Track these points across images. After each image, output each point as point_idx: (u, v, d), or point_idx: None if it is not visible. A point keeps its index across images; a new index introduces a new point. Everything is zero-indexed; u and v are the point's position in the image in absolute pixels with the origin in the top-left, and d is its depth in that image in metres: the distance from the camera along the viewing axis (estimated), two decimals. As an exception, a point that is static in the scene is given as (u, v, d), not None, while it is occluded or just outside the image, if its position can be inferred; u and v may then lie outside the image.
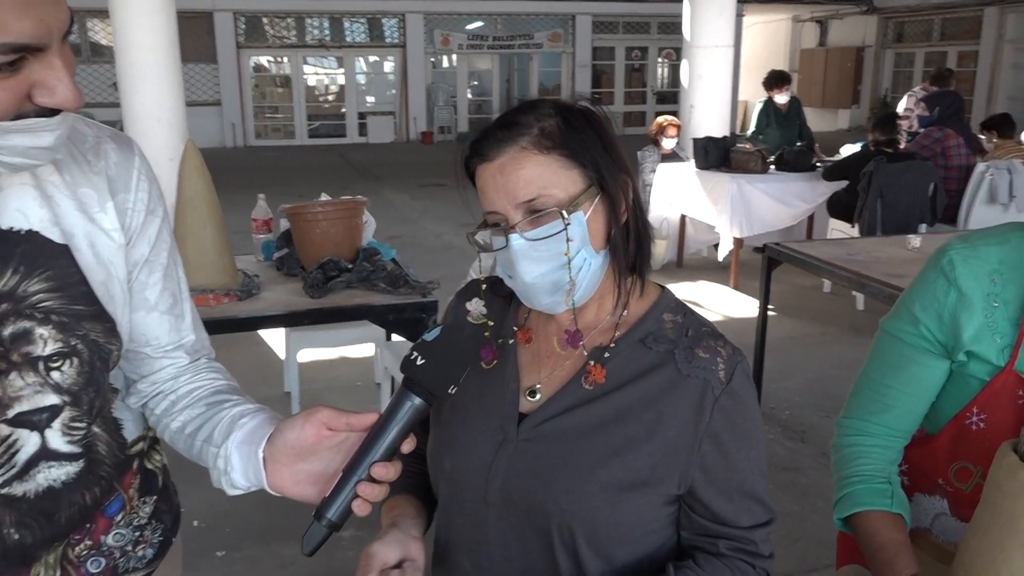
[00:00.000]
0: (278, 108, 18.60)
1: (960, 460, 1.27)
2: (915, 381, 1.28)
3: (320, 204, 3.10)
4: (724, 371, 1.04)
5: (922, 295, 1.25)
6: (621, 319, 1.09)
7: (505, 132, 1.02)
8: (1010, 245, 1.22)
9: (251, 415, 1.01)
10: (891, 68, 19.90)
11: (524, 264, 1.01)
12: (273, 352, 4.88)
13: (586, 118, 1.05)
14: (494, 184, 1.02)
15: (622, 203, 1.05)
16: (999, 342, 1.20)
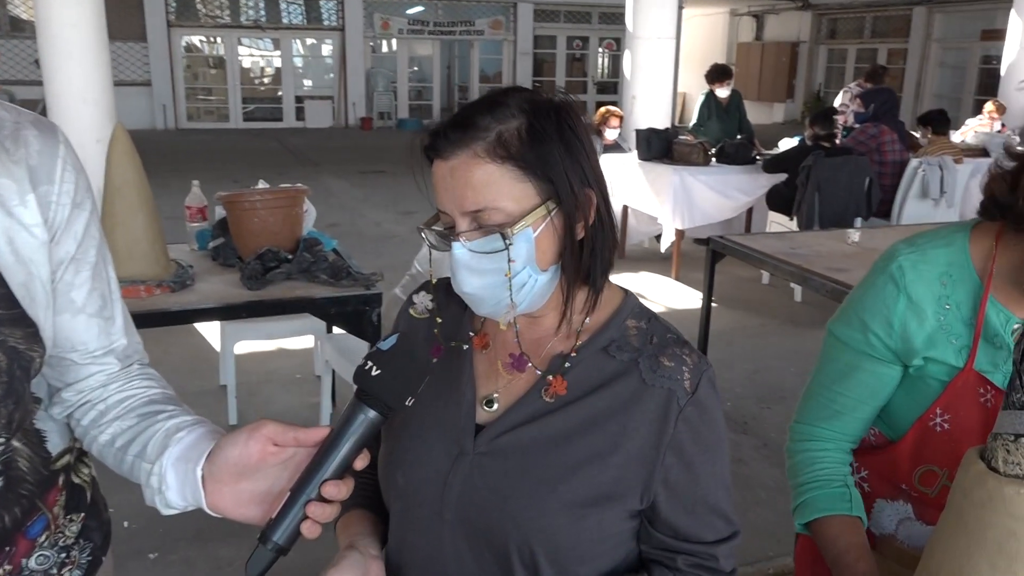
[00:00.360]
0: (211, 90, 18.06)
1: (925, 464, 1.27)
2: (865, 388, 1.28)
3: (258, 192, 2.98)
4: (689, 380, 1.00)
5: (871, 302, 1.25)
6: (583, 326, 1.04)
7: (460, 133, 0.95)
8: (955, 247, 1.23)
9: (188, 428, 0.93)
10: (824, 63, 20.37)
11: (464, 274, 0.96)
12: (208, 344, 4.72)
13: (557, 120, 0.97)
14: (444, 185, 0.96)
15: (581, 218, 0.98)
16: (955, 343, 1.21)
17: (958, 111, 13.93)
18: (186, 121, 17.26)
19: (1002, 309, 1.19)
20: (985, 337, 1.20)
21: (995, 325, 1.19)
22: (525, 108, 0.96)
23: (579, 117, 1.00)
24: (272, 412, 3.96)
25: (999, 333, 1.19)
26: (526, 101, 0.97)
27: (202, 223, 3.35)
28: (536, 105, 0.97)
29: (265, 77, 18.84)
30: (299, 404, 4.05)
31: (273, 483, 0.88)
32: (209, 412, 3.93)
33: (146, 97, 16.56)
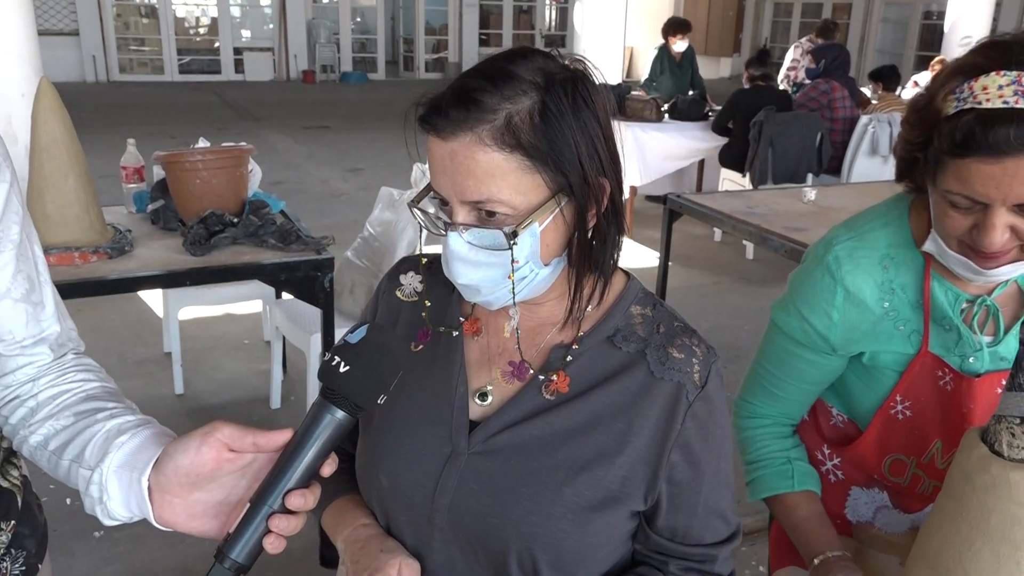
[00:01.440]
0: (144, 40, 17.26)
1: (891, 453, 1.24)
2: (800, 375, 1.26)
3: (200, 152, 2.81)
4: (699, 373, 0.93)
5: (810, 293, 1.21)
6: (585, 315, 0.96)
7: (463, 113, 0.83)
8: (894, 226, 1.18)
9: (132, 431, 0.82)
10: (771, 18, 20.40)
11: (459, 266, 0.87)
12: (150, 309, 4.53)
13: (573, 96, 0.85)
14: (442, 168, 0.85)
15: (592, 208, 0.88)
16: (903, 329, 1.17)
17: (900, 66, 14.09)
18: (118, 73, 16.50)
19: (950, 287, 1.15)
20: (934, 319, 1.16)
21: (943, 306, 1.15)
22: (538, 82, 0.84)
23: (597, 89, 0.88)
24: (220, 380, 3.83)
25: (948, 315, 1.15)
26: (539, 72, 0.85)
27: (139, 184, 3.17)
28: (550, 77, 0.85)
29: (201, 27, 18.10)
30: (248, 371, 3.92)
31: (230, 492, 0.79)
32: (154, 381, 3.79)
33: (74, 48, 15.76)
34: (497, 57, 0.87)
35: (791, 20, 19.59)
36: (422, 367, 1.00)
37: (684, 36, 7.08)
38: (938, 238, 1.10)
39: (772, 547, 1.45)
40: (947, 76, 1.03)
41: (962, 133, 0.97)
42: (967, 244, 1.06)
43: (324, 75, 17.39)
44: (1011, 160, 0.95)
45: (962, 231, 1.05)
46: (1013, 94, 0.95)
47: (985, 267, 1.06)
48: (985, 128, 0.95)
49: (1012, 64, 0.97)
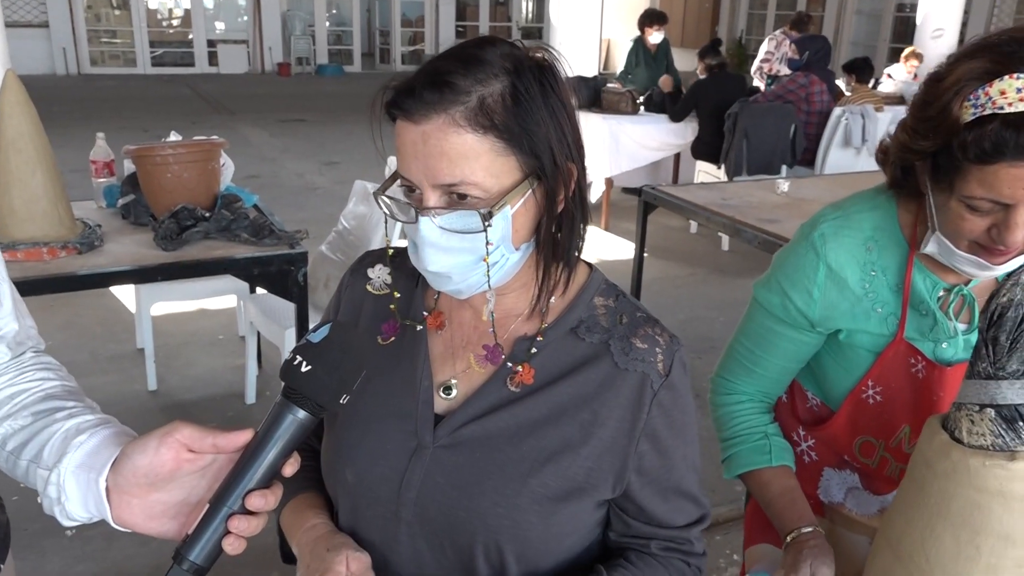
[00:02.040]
0: (116, 32, 17.03)
1: (861, 435, 1.27)
2: (781, 352, 1.28)
3: (171, 145, 2.78)
4: (663, 363, 0.94)
5: (792, 269, 1.23)
6: (548, 306, 0.96)
7: (436, 95, 0.82)
8: (882, 210, 1.21)
9: (91, 431, 0.81)
10: (746, 10, 20.47)
11: (430, 252, 0.86)
12: (123, 304, 4.48)
13: (540, 82, 0.86)
14: (413, 152, 0.84)
15: (561, 191, 0.89)
16: (880, 311, 1.19)
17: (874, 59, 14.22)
18: (89, 66, 16.28)
19: (929, 275, 1.18)
20: (912, 304, 1.18)
21: (921, 292, 1.18)
22: (508, 67, 0.85)
23: (561, 77, 0.89)
24: (194, 376, 3.80)
25: (925, 300, 1.17)
26: (507, 58, 0.86)
27: (109, 179, 3.13)
28: (518, 63, 0.86)
29: (174, 19, 17.87)
30: (223, 366, 3.89)
31: (189, 493, 0.78)
32: (126, 377, 3.76)
33: (43, 40, 15.51)
34: (465, 44, 0.88)
35: (766, 12, 19.68)
36: (388, 362, 1.00)
37: (660, 27, 7.05)
38: (943, 239, 1.11)
39: (747, 525, 1.47)
40: (955, 83, 1.02)
41: (991, 141, 0.97)
42: (979, 243, 1.07)
43: (299, 68, 17.25)
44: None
45: (979, 232, 1.06)
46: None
47: (996, 263, 1.08)
48: (1018, 132, 0.95)
49: (1022, 66, 0.97)
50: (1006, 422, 0.88)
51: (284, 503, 1.05)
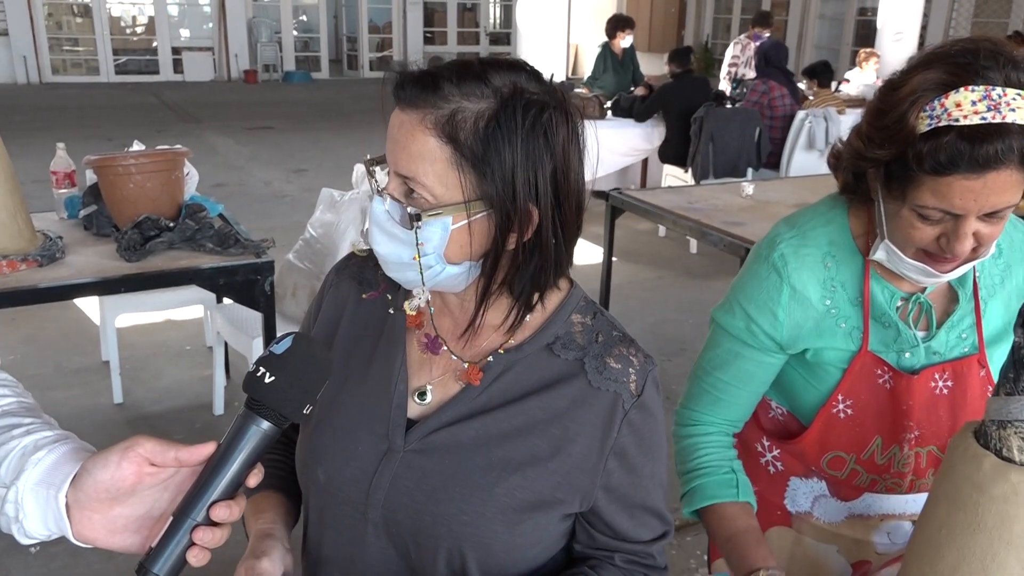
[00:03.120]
0: (78, 40, 16.79)
1: (831, 450, 1.26)
2: (745, 375, 1.26)
3: (133, 156, 2.75)
4: (636, 383, 0.95)
5: (755, 292, 1.22)
6: (525, 322, 0.96)
7: (418, 91, 0.86)
8: (835, 224, 1.21)
9: (49, 447, 0.80)
10: (712, 15, 20.69)
11: (375, 231, 0.91)
12: (87, 317, 4.41)
13: (533, 123, 0.85)
14: (391, 135, 0.90)
15: (515, 231, 0.88)
16: (844, 326, 1.20)
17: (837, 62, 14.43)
18: (51, 75, 16.02)
19: (886, 285, 1.19)
20: (873, 316, 1.19)
21: (881, 303, 1.19)
22: (503, 93, 0.85)
23: (568, 122, 0.89)
24: (161, 388, 3.75)
25: (886, 311, 1.19)
26: (509, 85, 0.86)
27: (70, 189, 3.09)
28: (517, 94, 0.86)
29: (138, 27, 17.67)
30: (190, 377, 3.85)
31: (152, 507, 0.78)
32: (92, 391, 3.70)
33: (3, 48, 15.26)
34: (484, 59, 0.89)
35: (732, 16, 19.91)
36: (364, 362, 1.01)
37: (628, 32, 7.08)
38: (891, 247, 1.12)
39: None
40: (911, 93, 1.03)
41: (947, 153, 0.99)
42: (926, 251, 1.09)
43: (266, 75, 17.12)
44: (992, 174, 0.99)
45: (928, 241, 1.07)
46: (987, 109, 0.98)
47: (943, 271, 1.10)
48: (972, 146, 0.97)
49: (978, 78, 0.99)
50: None
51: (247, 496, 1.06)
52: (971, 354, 1.21)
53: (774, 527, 1.38)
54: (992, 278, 1.23)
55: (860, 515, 1.31)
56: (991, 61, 1.00)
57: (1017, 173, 1.00)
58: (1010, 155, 0.98)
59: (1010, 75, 1.00)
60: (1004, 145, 0.97)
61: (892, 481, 1.26)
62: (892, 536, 1.31)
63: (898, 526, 1.30)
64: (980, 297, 1.21)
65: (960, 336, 1.21)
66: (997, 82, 0.99)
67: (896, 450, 1.22)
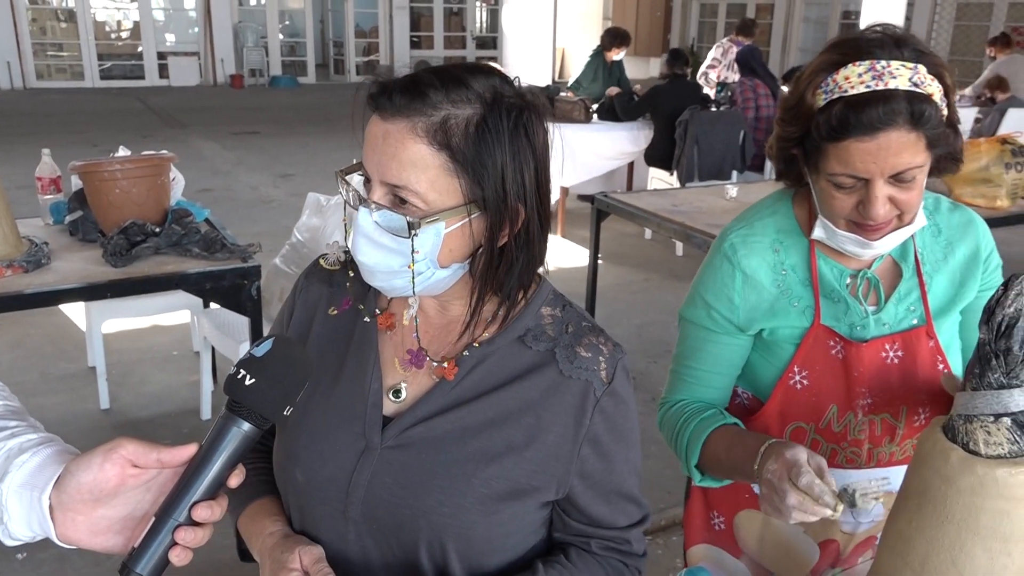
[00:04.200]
0: (62, 46, 16.71)
1: (792, 421, 1.32)
2: (715, 359, 1.34)
3: (118, 161, 2.75)
4: (606, 370, 0.98)
5: (712, 282, 1.32)
6: (494, 316, 0.99)
7: (406, 100, 0.87)
8: (781, 214, 1.31)
9: (33, 450, 0.81)
10: (697, 18, 20.82)
11: (361, 241, 0.91)
12: (73, 323, 4.40)
13: (515, 122, 0.89)
14: (373, 145, 0.89)
15: (505, 228, 0.92)
16: (797, 305, 1.28)
17: (821, 65, 14.51)
18: (35, 80, 15.94)
19: (834, 264, 1.28)
20: (823, 293, 1.28)
21: (830, 280, 1.28)
22: (486, 98, 0.89)
23: (542, 123, 0.92)
24: (148, 393, 3.75)
25: (835, 288, 1.28)
26: (489, 89, 0.89)
27: (56, 195, 3.08)
28: (498, 97, 0.90)
29: (123, 31, 17.58)
30: (177, 383, 3.85)
31: (134, 507, 0.79)
32: (78, 397, 3.69)
33: (-13, 54, 15.19)
34: (458, 65, 0.92)
35: (717, 20, 20.04)
36: (336, 365, 1.02)
37: (623, 48, 7.15)
38: (826, 222, 1.22)
39: (687, 526, 1.51)
40: (810, 75, 1.18)
41: (837, 118, 1.11)
42: (854, 222, 1.19)
43: (253, 79, 17.09)
44: (883, 135, 1.10)
45: (849, 210, 1.18)
46: (872, 79, 1.11)
47: (872, 239, 1.19)
48: (857, 111, 1.09)
49: (863, 55, 1.13)
50: (1021, 428, 0.92)
51: (239, 510, 1.07)
52: (919, 326, 1.29)
53: (743, 510, 1.42)
54: (935, 255, 1.32)
55: None
56: (876, 42, 1.14)
57: (909, 134, 1.10)
58: (896, 117, 1.09)
59: (893, 51, 1.13)
60: (888, 108, 1.09)
61: (851, 451, 1.30)
62: (856, 515, 1.35)
63: None
64: (924, 272, 1.30)
65: (908, 309, 1.29)
66: (883, 57, 1.12)
67: (851, 417, 1.28)
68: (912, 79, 1.10)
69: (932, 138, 1.12)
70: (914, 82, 1.10)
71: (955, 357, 1.33)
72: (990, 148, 3.83)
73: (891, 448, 1.30)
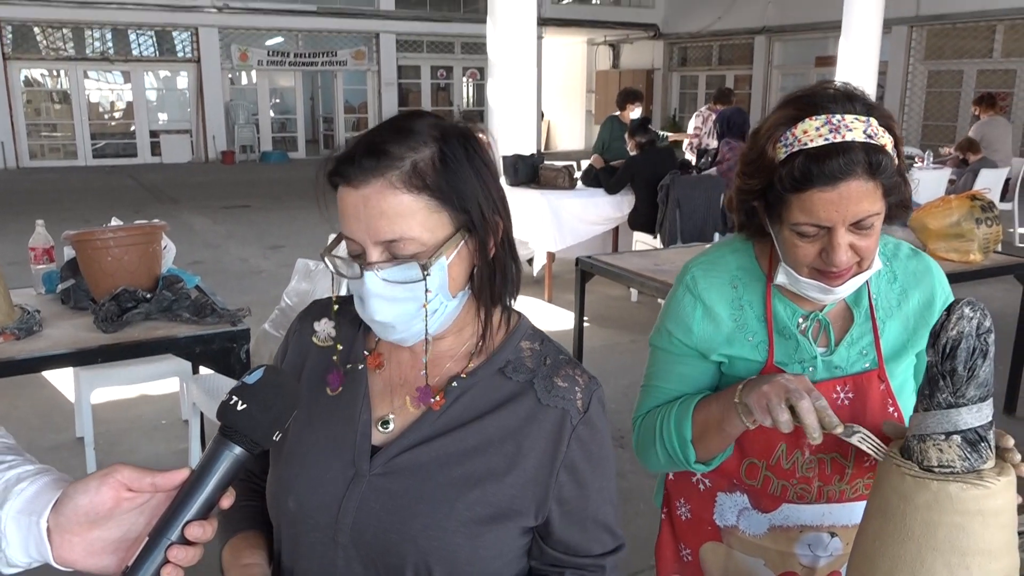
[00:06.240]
0: (56, 126, 17.02)
1: (747, 457, 1.36)
2: (680, 379, 1.39)
3: (111, 230, 2.82)
4: (582, 400, 1.03)
5: (674, 312, 1.38)
6: (477, 348, 1.05)
7: (373, 161, 0.94)
8: (741, 252, 1.38)
9: (31, 479, 0.86)
10: (678, 89, 21.41)
11: (376, 303, 0.96)
12: (61, 394, 4.41)
13: (465, 148, 0.98)
14: (355, 214, 0.95)
15: (491, 242, 1.00)
16: (752, 340, 1.34)
17: (800, 132, 14.88)
18: (28, 160, 16.19)
19: (788, 303, 1.34)
20: (777, 330, 1.33)
21: (783, 318, 1.34)
22: (435, 135, 0.97)
23: (482, 143, 1.01)
24: (136, 462, 3.65)
25: (787, 325, 1.33)
26: (434, 127, 0.97)
27: (49, 265, 3.14)
28: (444, 131, 0.98)
29: (116, 111, 17.94)
30: (165, 451, 3.83)
31: (129, 529, 0.83)
32: (66, 467, 3.66)
33: (-19, 135, 15.44)
34: (395, 117, 1.00)
35: (696, 91, 20.61)
36: (330, 400, 1.07)
37: (637, 104, 7.67)
38: (789, 270, 1.28)
39: (658, 559, 1.54)
40: (769, 129, 1.23)
41: (800, 170, 1.16)
42: (816, 269, 1.24)
43: (244, 155, 17.39)
44: (843, 185, 1.15)
45: (812, 257, 1.23)
46: (829, 132, 1.17)
47: (833, 285, 1.24)
48: (819, 163, 1.15)
49: (819, 110, 1.19)
50: (970, 445, 0.97)
51: (224, 539, 1.11)
52: (871, 369, 1.33)
53: (707, 542, 1.46)
54: (889, 300, 1.37)
55: (780, 526, 1.39)
56: (830, 97, 1.20)
57: (867, 183, 1.16)
58: (855, 167, 1.15)
59: (846, 105, 1.19)
60: (847, 159, 1.15)
61: (801, 487, 1.34)
62: (813, 548, 1.38)
63: (817, 537, 1.38)
64: (878, 317, 1.35)
65: (861, 352, 1.34)
66: (836, 111, 1.18)
67: (798, 455, 1.32)
68: (866, 131, 1.17)
69: (888, 186, 1.18)
70: (868, 134, 1.17)
71: (907, 399, 1.37)
72: (960, 204, 3.95)
73: (841, 486, 1.33)
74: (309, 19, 17.65)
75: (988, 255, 3.94)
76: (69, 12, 15.72)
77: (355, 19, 18.11)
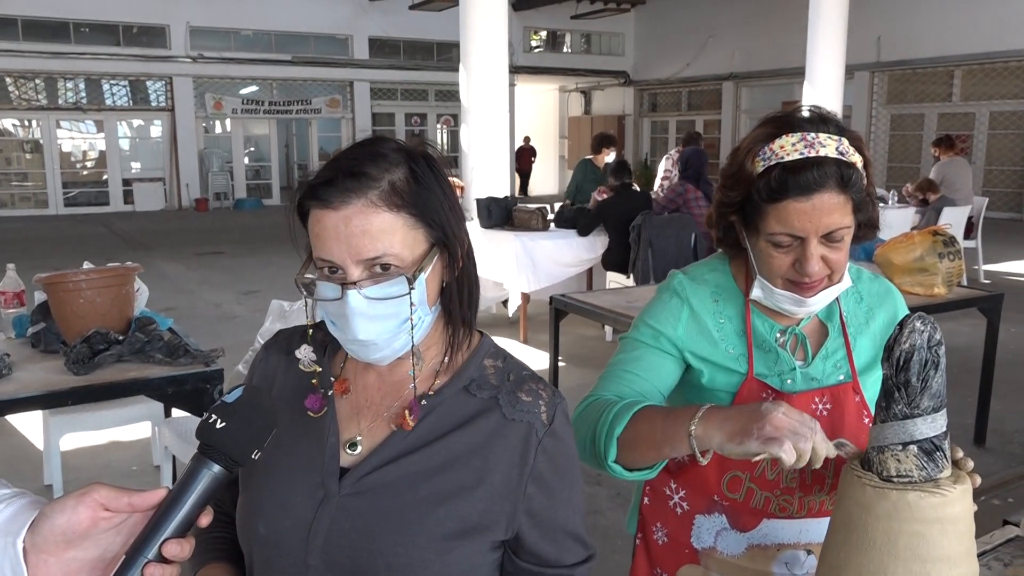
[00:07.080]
0: (27, 175, 16.93)
1: (729, 471, 1.38)
2: (651, 369, 1.41)
3: (83, 272, 2.81)
4: (546, 413, 1.05)
5: (658, 311, 1.43)
6: (443, 367, 1.07)
7: (354, 182, 0.97)
8: (719, 271, 1.45)
9: (7, 501, 0.85)
10: (649, 134, 21.82)
11: (360, 322, 0.97)
12: (29, 442, 4.33)
13: (430, 167, 1.02)
14: (335, 235, 0.97)
15: (459, 256, 1.04)
16: (732, 352, 1.39)
17: (768, 174, 15.20)
18: (-2, 209, 16.06)
19: (766, 319, 1.41)
20: (756, 344, 1.39)
21: (762, 332, 1.40)
22: (402, 156, 1.01)
23: (440, 163, 1.05)
24: (106, 509, 3.66)
25: (766, 339, 1.40)
26: (399, 150, 1.02)
27: (19, 309, 3.12)
28: (410, 152, 1.02)
29: (88, 160, 17.88)
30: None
31: (106, 549, 0.82)
32: (32, 516, 3.59)
33: (-49, 185, 15.30)
34: (362, 143, 1.03)
35: (667, 136, 21.00)
36: (297, 427, 1.08)
37: (612, 149, 8.08)
38: (764, 282, 1.34)
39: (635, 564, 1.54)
40: (748, 145, 1.33)
41: (776, 181, 1.25)
42: (790, 280, 1.31)
43: (218, 202, 17.36)
44: (816, 196, 1.24)
45: (786, 268, 1.30)
46: (804, 147, 1.26)
47: (806, 296, 1.31)
48: (794, 174, 1.24)
49: (795, 129, 1.29)
50: (927, 454, 1.01)
51: (195, 572, 1.10)
52: (846, 382, 1.39)
53: (684, 566, 1.46)
54: (858, 318, 1.45)
55: (759, 545, 1.40)
56: (805, 119, 1.29)
57: (838, 196, 1.25)
58: (828, 180, 1.24)
59: (820, 126, 1.29)
60: (820, 172, 1.24)
61: (783, 499, 1.36)
62: (790, 567, 1.40)
63: (794, 555, 1.39)
64: (849, 334, 1.42)
65: (835, 365, 1.40)
66: (811, 131, 1.28)
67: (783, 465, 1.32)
68: (838, 148, 1.26)
69: (857, 202, 1.27)
70: (840, 151, 1.26)
71: None
72: (923, 240, 4.06)
73: (821, 497, 1.36)
74: (284, 68, 17.82)
75: (952, 288, 4.03)
76: (42, 63, 15.75)
77: (329, 68, 18.31)
